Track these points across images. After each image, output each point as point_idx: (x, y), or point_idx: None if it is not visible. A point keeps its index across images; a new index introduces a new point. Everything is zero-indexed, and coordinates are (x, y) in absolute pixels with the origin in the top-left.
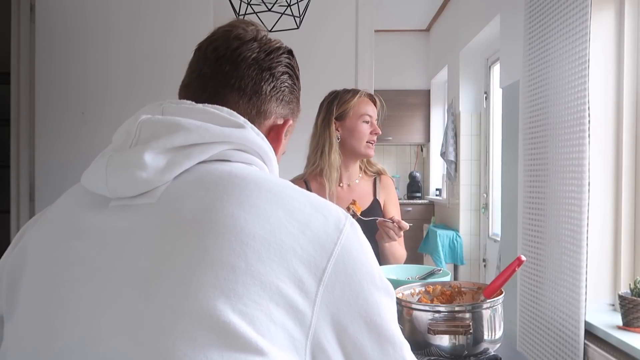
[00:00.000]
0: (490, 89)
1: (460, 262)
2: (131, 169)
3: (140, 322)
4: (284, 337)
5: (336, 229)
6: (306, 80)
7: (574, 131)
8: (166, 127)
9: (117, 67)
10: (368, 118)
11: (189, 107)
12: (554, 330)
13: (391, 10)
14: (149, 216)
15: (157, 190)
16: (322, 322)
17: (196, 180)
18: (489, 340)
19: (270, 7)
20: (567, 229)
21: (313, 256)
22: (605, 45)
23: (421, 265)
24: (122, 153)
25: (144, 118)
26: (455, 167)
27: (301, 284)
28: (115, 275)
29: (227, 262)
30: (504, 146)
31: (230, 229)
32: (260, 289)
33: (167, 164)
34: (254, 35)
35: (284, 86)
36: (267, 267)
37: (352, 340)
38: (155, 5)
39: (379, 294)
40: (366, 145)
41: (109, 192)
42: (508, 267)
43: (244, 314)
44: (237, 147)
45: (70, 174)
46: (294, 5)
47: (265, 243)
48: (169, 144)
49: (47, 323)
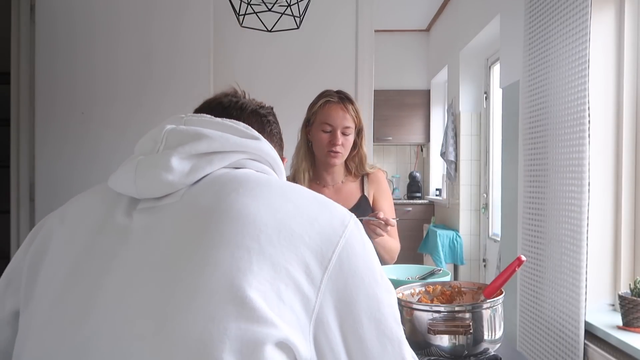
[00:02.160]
0: (490, 89)
1: (460, 262)
2: (159, 171)
3: (164, 301)
4: (291, 317)
5: (341, 224)
6: (306, 81)
7: (574, 131)
8: (191, 135)
9: (117, 67)
10: (328, 127)
11: (209, 120)
12: (554, 330)
13: (391, 10)
14: (172, 212)
15: (180, 192)
16: (325, 308)
17: (214, 179)
18: (489, 340)
19: (270, 7)
20: (567, 229)
21: (319, 246)
22: (605, 45)
23: (421, 265)
24: (150, 157)
25: (169, 127)
26: (455, 167)
27: (308, 270)
28: (140, 265)
29: (242, 244)
30: (504, 146)
31: (244, 216)
32: (272, 270)
33: (191, 168)
34: (244, 97)
35: (276, 131)
36: (278, 251)
37: (352, 330)
38: (155, 5)
39: (379, 290)
40: (327, 154)
41: (137, 193)
42: (508, 267)
43: (259, 290)
44: (252, 156)
45: (70, 174)
46: (294, 5)
47: (276, 230)
48: (193, 150)
49: (73, 311)
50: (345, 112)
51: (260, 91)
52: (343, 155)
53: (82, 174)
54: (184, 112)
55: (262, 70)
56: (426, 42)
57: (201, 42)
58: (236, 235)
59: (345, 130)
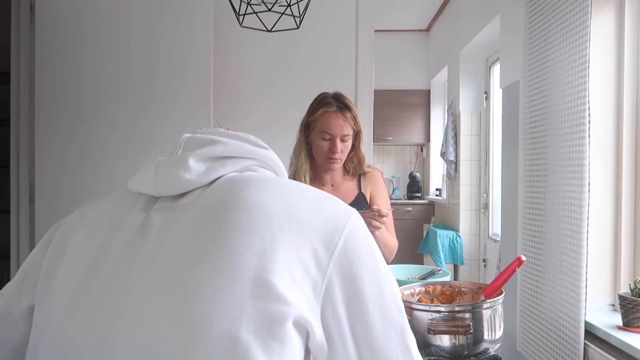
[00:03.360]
0: (490, 89)
1: (460, 262)
2: (178, 170)
3: (182, 284)
4: (303, 298)
5: (346, 215)
6: (306, 80)
7: (574, 131)
8: (207, 140)
9: (117, 67)
10: (327, 136)
11: (224, 132)
12: (554, 330)
13: (391, 10)
14: (189, 209)
15: (196, 191)
16: (331, 291)
17: (227, 180)
18: (489, 340)
19: (270, 7)
20: (567, 229)
21: (326, 233)
22: (605, 45)
23: (421, 265)
24: (170, 157)
25: (187, 135)
26: (455, 167)
27: (316, 255)
28: (159, 254)
29: (256, 230)
30: (504, 146)
31: (257, 206)
32: (284, 253)
33: (206, 169)
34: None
35: None
36: (288, 236)
37: (359, 314)
38: (155, 5)
39: (382, 278)
40: (325, 161)
41: (155, 190)
42: (508, 267)
43: (273, 271)
44: (261, 164)
45: (70, 174)
46: (294, 5)
47: (286, 217)
48: (209, 153)
49: (90, 304)
50: (345, 120)
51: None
52: (341, 159)
53: (82, 174)
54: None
55: (262, 70)
56: (426, 42)
57: (201, 42)
58: (251, 222)
59: (344, 138)
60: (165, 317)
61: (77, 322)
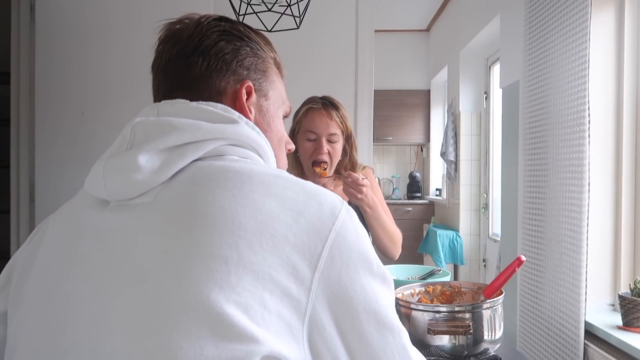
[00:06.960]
0: (490, 89)
1: (460, 262)
2: (127, 172)
3: (139, 318)
4: (279, 325)
5: (331, 215)
6: (306, 81)
7: (574, 131)
8: (158, 128)
9: (117, 66)
10: (312, 136)
11: (183, 106)
12: (554, 330)
13: (391, 10)
14: (145, 214)
15: (154, 190)
16: (318, 309)
17: (190, 177)
18: (489, 341)
19: (270, 7)
20: (567, 229)
21: (307, 243)
22: (605, 45)
23: (421, 265)
24: (117, 157)
25: (138, 120)
26: (455, 167)
27: (295, 272)
28: (115, 273)
29: (219, 254)
30: (504, 146)
31: (221, 221)
32: (253, 279)
33: (161, 164)
34: (168, 33)
35: (223, 53)
36: (260, 257)
37: (351, 327)
38: (155, 5)
39: (374, 281)
40: (311, 166)
41: (108, 196)
42: (508, 267)
43: (238, 303)
44: (231, 142)
45: (70, 174)
46: (294, 5)
47: (257, 233)
48: (162, 144)
49: (54, 320)
50: (330, 118)
51: None
52: (330, 165)
53: (83, 174)
54: None
55: None
56: (426, 42)
57: None
58: (212, 245)
59: (331, 137)
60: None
61: (39, 344)
